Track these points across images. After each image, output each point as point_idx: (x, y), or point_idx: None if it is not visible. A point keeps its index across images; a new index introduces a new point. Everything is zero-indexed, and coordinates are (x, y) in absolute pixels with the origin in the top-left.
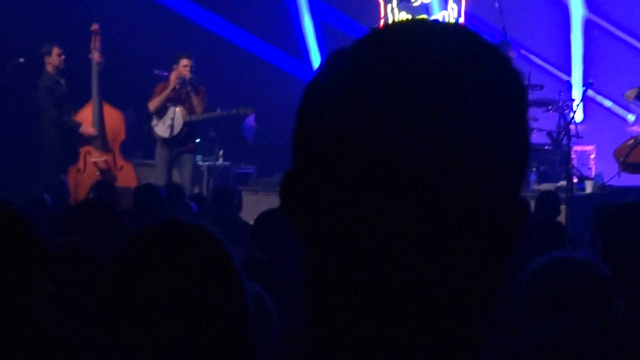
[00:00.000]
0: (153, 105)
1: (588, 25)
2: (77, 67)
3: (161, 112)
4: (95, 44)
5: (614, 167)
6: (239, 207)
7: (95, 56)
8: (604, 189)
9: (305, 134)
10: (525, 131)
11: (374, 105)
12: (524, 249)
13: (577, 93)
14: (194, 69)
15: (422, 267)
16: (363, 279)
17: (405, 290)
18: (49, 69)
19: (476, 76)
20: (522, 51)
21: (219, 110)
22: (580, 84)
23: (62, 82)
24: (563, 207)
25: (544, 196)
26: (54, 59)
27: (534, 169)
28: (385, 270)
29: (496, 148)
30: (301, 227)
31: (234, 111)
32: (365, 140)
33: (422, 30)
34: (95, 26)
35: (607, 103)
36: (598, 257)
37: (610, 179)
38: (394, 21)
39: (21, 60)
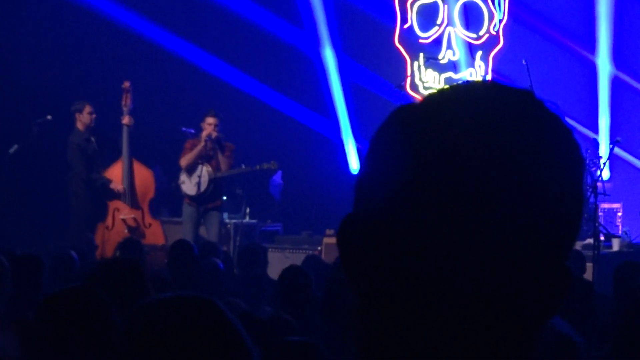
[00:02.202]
0: (185, 161)
1: (615, 83)
2: (108, 124)
3: (190, 170)
4: (127, 101)
5: None
6: (264, 264)
7: (126, 120)
8: (631, 247)
9: (367, 183)
10: (580, 198)
11: (435, 161)
12: None
13: (604, 151)
14: (219, 127)
15: (467, 320)
16: (410, 330)
17: (451, 343)
18: (79, 126)
19: (534, 141)
20: None
21: (243, 166)
22: (607, 141)
23: (93, 139)
24: (590, 265)
25: None
26: (85, 116)
27: None
28: (432, 322)
29: (550, 212)
30: (354, 271)
31: (257, 167)
32: (424, 194)
33: (485, 94)
34: (126, 84)
35: (635, 161)
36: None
37: (638, 236)
38: (466, 82)
39: (49, 117)
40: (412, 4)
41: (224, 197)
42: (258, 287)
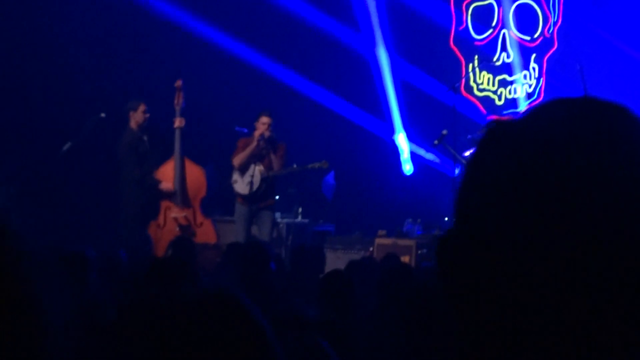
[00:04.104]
0: (238, 160)
1: None
2: (160, 122)
3: (242, 169)
4: (179, 99)
5: None
6: (320, 265)
7: (177, 122)
8: None
9: (468, 200)
10: None
11: (535, 178)
12: None
13: None
14: (273, 126)
15: (578, 336)
16: (515, 349)
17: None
18: (133, 125)
19: (629, 154)
20: None
21: (295, 166)
22: None
23: (145, 138)
24: None
25: None
26: (138, 115)
27: None
28: (539, 341)
29: None
30: (456, 286)
31: (309, 166)
32: (525, 210)
33: (581, 109)
34: (179, 83)
35: None
36: None
37: None
38: (563, 98)
39: (102, 115)
40: (467, 6)
41: (277, 197)
42: (309, 288)
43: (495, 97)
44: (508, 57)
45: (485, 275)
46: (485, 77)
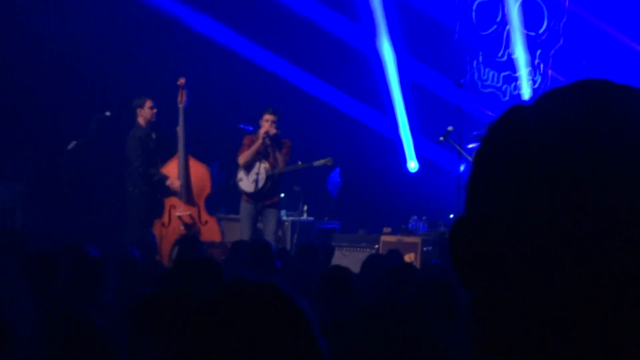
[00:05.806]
0: (243, 158)
1: None
2: (164, 121)
3: (248, 167)
4: (182, 97)
5: None
6: (327, 263)
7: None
8: None
9: (481, 184)
10: None
11: (551, 162)
12: None
13: None
14: (277, 124)
15: (590, 321)
16: (526, 331)
17: (568, 345)
18: (141, 121)
19: None
20: None
21: (299, 163)
22: None
23: (153, 135)
24: None
25: None
26: (146, 111)
27: None
28: (551, 323)
29: None
30: (467, 272)
31: (314, 163)
32: (541, 196)
33: (596, 91)
34: (182, 80)
35: None
36: None
37: None
38: (579, 81)
39: (107, 113)
40: (471, 1)
41: (282, 194)
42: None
43: (499, 93)
44: (513, 53)
45: (498, 263)
46: (490, 73)
